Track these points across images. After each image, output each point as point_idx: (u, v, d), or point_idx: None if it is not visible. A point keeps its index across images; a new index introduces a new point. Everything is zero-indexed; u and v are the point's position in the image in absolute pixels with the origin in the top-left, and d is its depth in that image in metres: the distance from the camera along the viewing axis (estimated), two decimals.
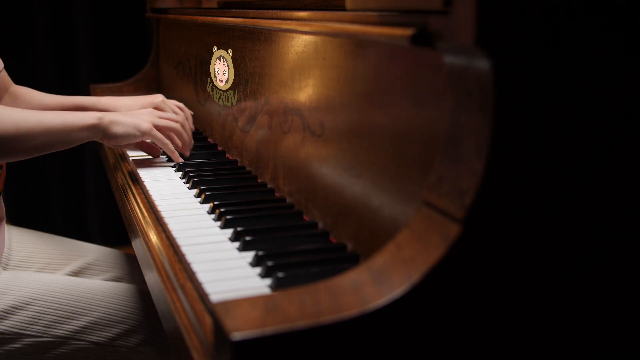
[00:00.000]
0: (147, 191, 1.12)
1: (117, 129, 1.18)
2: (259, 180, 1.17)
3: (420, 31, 0.63)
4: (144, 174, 1.22)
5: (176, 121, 1.28)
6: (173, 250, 0.88)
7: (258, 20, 1.13)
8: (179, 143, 1.27)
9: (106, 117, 1.18)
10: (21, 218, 2.47)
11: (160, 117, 1.26)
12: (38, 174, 2.47)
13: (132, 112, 1.26)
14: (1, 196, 1.30)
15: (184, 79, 1.71)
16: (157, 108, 1.35)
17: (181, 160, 1.28)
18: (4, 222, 1.30)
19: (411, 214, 0.70)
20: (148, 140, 1.27)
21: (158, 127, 1.24)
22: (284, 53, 1.07)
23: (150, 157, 1.35)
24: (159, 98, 1.38)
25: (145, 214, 1.03)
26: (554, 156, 0.57)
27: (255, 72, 1.20)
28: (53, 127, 1.11)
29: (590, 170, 0.59)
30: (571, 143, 0.58)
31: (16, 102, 1.41)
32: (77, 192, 2.56)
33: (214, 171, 1.22)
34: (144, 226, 0.99)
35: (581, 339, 0.62)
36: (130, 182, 1.21)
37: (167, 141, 1.25)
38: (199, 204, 1.05)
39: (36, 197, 2.51)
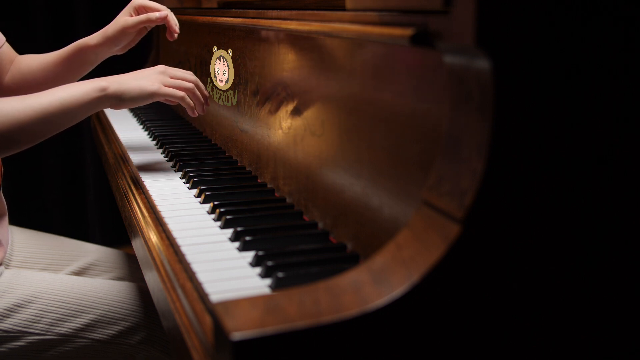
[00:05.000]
0: (147, 191, 1.12)
1: (125, 97, 1.12)
2: (259, 180, 1.17)
3: (420, 31, 0.63)
4: (144, 174, 1.22)
5: (189, 80, 1.20)
6: (173, 250, 0.88)
7: (258, 20, 1.13)
8: (191, 103, 1.19)
9: (111, 86, 1.11)
10: (21, 218, 2.46)
11: (171, 77, 1.18)
12: (38, 174, 2.47)
13: (140, 74, 1.18)
14: (0, 191, 1.30)
15: None
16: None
17: (197, 114, 1.21)
18: (6, 218, 1.30)
19: (411, 214, 0.70)
20: (162, 100, 1.18)
21: (168, 87, 1.17)
22: (284, 53, 1.07)
23: (150, 157, 1.35)
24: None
25: (146, 214, 1.03)
26: (554, 156, 0.57)
27: (255, 72, 1.20)
28: (53, 111, 1.06)
29: (590, 170, 0.59)
30: (571, 143, 0.58)
31: (20, 71, 1.38)
32: (77, 192, 2.56)
33: (214, 171, 1.22)
34: (144, 226, 0.99)
35: (581, 339, 0.62)
36: (131, 182, 1.21)
37: (181, 93, 1.17)
38: (199, 204, 1.05)
39: (36, 197, 2.51)
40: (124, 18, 1.32)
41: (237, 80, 1.30)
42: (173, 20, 1.31)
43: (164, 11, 1.31)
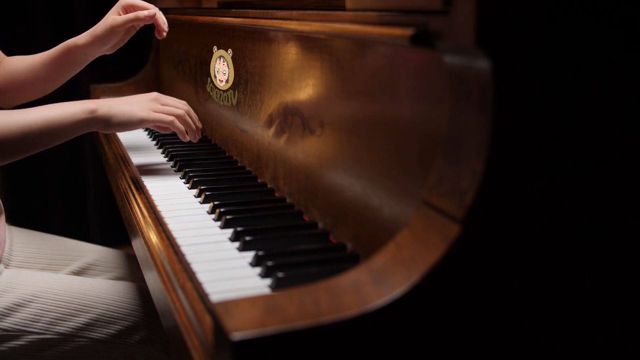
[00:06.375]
0: (147, 191, 1.12)
1: (113, 121, 1.12)
2: (259, 180, 1.17)
3: (420, 31, 0.63)
4: (144, 174, 1.22)
5: (180, 108, 1.20)
6: (173, 250, 0.88)
7: (258, 20, 1.13)
8: (181, 127, 1.19)
9: (101, 108, 1.11)
10: (21, 218, 2.46)
11: (162, 104, 1.19)
12: (38, 174, 2.47)
13: (132, 99, 1.17)
14: None
15: (184, 79, 1.71)
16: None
17: (188, 139, 1.21)
18: (3, 216, 1.30)
19: (411, 214, 0.70)
20: (151, 126, 1.19)
21: (157, 112, 1.17)
22: (284, 53, 1.07)
23: (150, 157, 1.35)
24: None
25: (146, 214, 1.03)
26: (554, 156, 0.57)
27: (255, 72, 1.20)
28: (37, 129, 1.06)
29: (590, 170, 0.59)
30: (571, 143, 0.58)
31: (8, 73, 1.38)
32: (77, 192, 2.56)
33: (214, 171, 1.22)
34: (144, 226, 0.99)
35: (581, 339, 0.62)
36: (131, 182, 1.21)
37: (170, 118, 1.17)
38: (199, 204, 1.05)
39: (36, 197, 2.51)
40: (113, 17, 1.32)
41: (237, 80, 1.30)
42: (161, 19, 1.32)
43: (153, 9, 1.32)
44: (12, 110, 1.08)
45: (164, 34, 1.33)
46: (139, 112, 1.15)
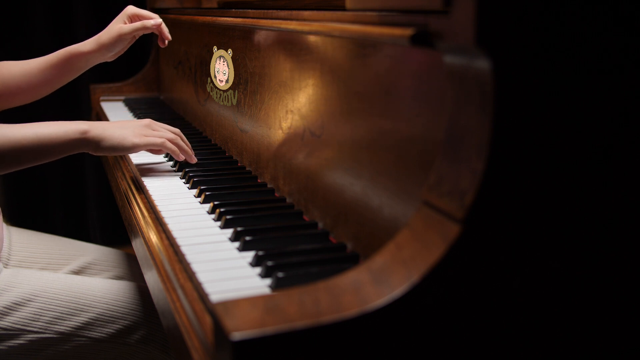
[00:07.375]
0: (147, 191, 1.12)
1: (104, 144, 1.13)
2: (259, 180, 1.17)
3: (420, 31, 0.63)
4: (144, 174, 1.22)
5: (171, 132, 1.22)
6: (173, 250, 0.88)
7: (258, 20, 1.13)
8: (173, 147, 1.20)
9: (93, 130, 1.11)
10: (21, 218, 2.47)
11: (153, 130, 1.20)
12: (38, 174, 2.47)
13: (125, 124, 1.18)
14: None
15: (184, 78, 1.71)
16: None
17: (183, 158, 1.22)
18: (0, 216, 1.30)
19: (411, 214, 0.70)
20: (144, 150, 1.20)
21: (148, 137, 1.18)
22: (284, 53, 1.07)
23: (150, 157, 1.35)
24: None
25: (146, 214, 1.03)
26: (553, 156, 0.57)
27: (255, 72, 1.20)
28: (26, 144, 1.06)
29: (590, 170, 0.59)
30: (571, 143, 0.58)
31: (1, 77, 1.38)
32: (77, 192, 2.56)
33: (214, 171, 1.22)
34: (144, 226, 0.99)
35: (581, 339, 0.62)
36: (130, 182, 1.21)
37: (161, 140, 1.18)
38: (199, 204, 1.05)
39: (36, 197, 2.51)
40: (119, 25, 1.37)
41: (237, 80, 1.30)
42: (165, 28, 1.40)
43: (158, 19, 1.39)
44: (4, 124, 1.08)
45: (166, 42, 1.40)
46: (132, 137, 1.16)
